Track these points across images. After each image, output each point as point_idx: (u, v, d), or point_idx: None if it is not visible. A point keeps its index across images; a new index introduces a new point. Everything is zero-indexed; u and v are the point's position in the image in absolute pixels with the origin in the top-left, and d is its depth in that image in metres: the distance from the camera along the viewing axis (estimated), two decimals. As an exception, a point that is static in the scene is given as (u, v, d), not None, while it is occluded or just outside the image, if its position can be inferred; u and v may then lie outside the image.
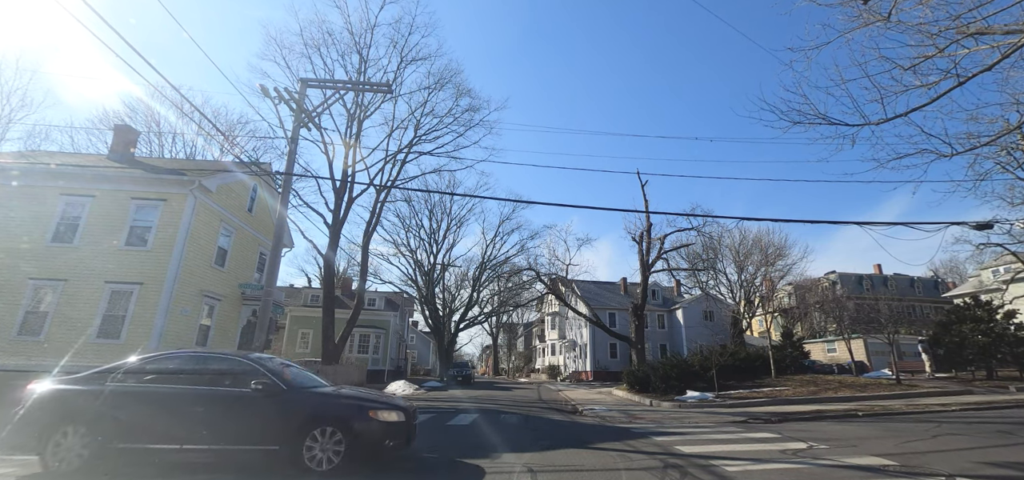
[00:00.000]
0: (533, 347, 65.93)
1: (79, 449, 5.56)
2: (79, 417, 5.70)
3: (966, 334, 22.57)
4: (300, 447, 5.67)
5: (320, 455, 5.67)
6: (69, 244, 14.49)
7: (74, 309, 13.76)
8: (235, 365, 6.31)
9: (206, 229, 16.21)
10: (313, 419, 5.85)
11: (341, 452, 5.72)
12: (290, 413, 5.85)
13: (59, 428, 5.63)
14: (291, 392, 6.03)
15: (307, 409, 5.95)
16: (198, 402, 5.82)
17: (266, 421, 5.81)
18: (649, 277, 25.27)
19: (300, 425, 5.78)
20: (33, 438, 5.62)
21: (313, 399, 6.16)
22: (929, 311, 45.77)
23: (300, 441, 5.69)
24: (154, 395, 5.92)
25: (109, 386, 5.92)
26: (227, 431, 5.75)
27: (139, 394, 5.94)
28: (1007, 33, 8.43)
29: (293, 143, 13.38)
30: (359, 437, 5.85)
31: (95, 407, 5.74)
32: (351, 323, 24.24)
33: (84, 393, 5.88)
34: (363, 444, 5.88)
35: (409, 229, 41.34)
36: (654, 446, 7.83)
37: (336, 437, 5.77)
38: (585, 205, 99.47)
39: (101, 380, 6.04)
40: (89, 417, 5.70)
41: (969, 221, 11.28)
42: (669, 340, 41.83)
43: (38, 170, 15.53)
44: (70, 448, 5.56)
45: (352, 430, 5.84)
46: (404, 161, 25.43)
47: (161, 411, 5.82)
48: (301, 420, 5.83)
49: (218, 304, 17.06)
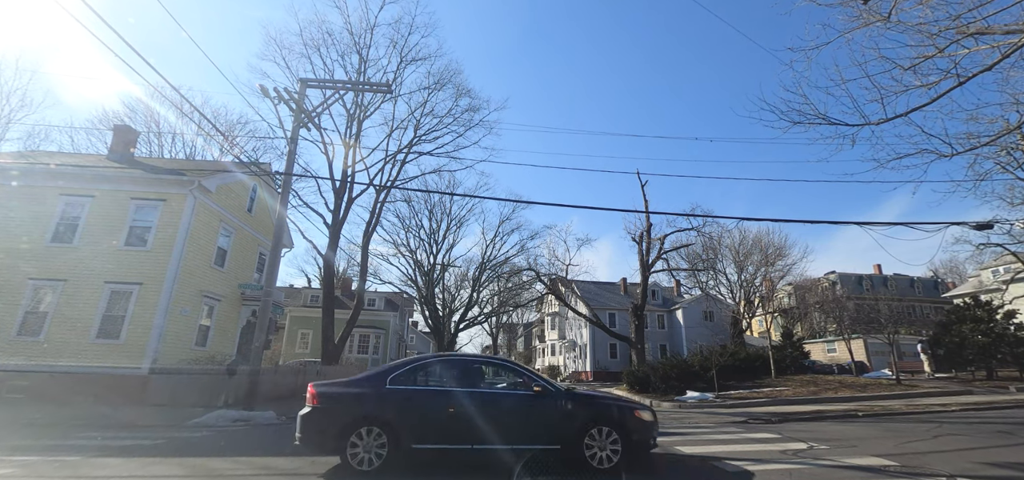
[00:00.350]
0: (533, 347, 65.94)
1: (377, 449, 5.69)
2: (374, 419, 5.81)
3: (966, 334, 22.57)
4: (580, 446, 5.89)
5: (599, 453, 5.91)
6: (68, 244, 14.47)
7: (74, 309, 13.75)
8: (500, 368, 6.83)
9: (206, 229, 16.20)
10: (592, 419, 6.05)
11: (618, 451, 5.93)
12: (570, 414, 6.05)
13: (357, 429, 5.73)
14: (563, 394, 6.27)
15: (586, 410, 6.16)
16: (484, 404, 5.98)
17: (549, 422, 6.02)
18: (649, 277, 25.25)
19: (580, 425, 5.99)
20: (332, 438, 5.72)
21: (588, 400, 6.43)
22: (929, 311, 45.74)
23: (580, 441, 5.92)
24: (439, 397, 6.02)
25: (388, 389, 6.01)
26: (513, 431, 5.94)
27: (423, 395, 6.04)
28: (1007, 33, 8.42)
29: (293, 143, 13.39)
30: (630, 436, 6.06)
31: (386, 409, 5.87)
32: (351, 323, 24.21)
33: (372, 395, 5.97)
34: (634, 443, 6.10)
35: (409, 229, 41.28)
36: (654, 446, 7.80)
37: (612, 437, 5.98)
38: (585, 205, 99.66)
39: (377, 383, 6.09)
40: (384, 418, 5.81)
41: (969, 221, 11.28)
42: (669, 340, 41.82)
43: (38, 170, 15.52)
44: (368, 448, 5.69)
45: (626, 429, 6.06)
46: (404, 161, 25.40)
47: (448, 413, 5.90)
48: (581, 421, 6.03)
49: (218, 304, 17.05)
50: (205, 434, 8.87)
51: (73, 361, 13.25)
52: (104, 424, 9.62)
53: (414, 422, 5.82)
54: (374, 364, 34.11)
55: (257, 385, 11.66)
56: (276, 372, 17.36)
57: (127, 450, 7.20)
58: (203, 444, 7.89)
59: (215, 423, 10.11)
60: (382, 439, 5.67)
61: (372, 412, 5.82)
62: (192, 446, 7.69)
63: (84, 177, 15.29)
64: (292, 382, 17.48)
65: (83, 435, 8.38)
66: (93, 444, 7.59)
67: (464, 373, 6.28)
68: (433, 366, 6.36)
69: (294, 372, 18.47)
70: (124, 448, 7.35)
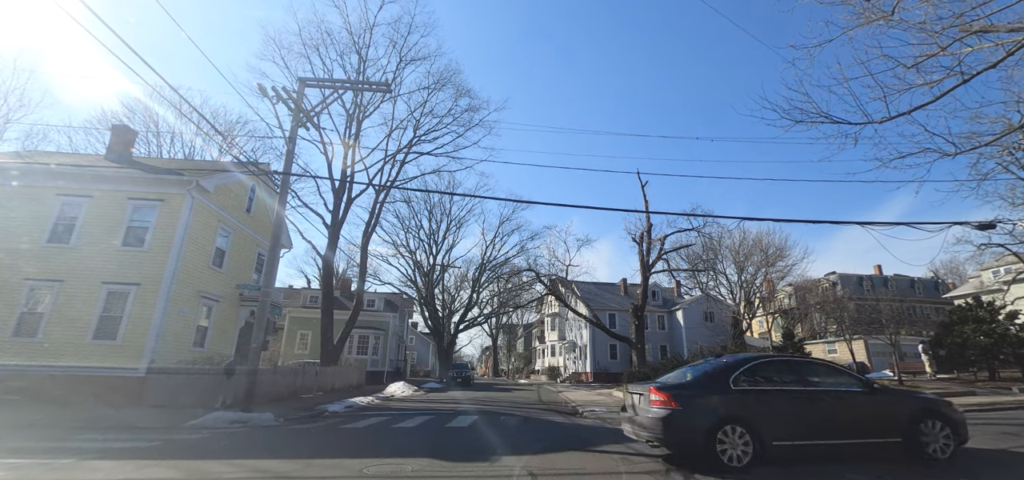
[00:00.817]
0: (533, 348, 65.79)
1: (742, 447, 5.91)
2: (735, 418, 6.04)
3: (968, 335, 22.46)
4: (916, 439, 6.20)
5: (933, 445, 6.19)
6: (66, 244, 14.38)
7: (71, 310, 13.65)
8: (824, 368, 7.06)
9: (204, 229, 16.11)
10: (923, 413, 6.34)
11: (949, 444, 6.21)
12: (902, 408, 6.40)
13: (722, 428, 5.96)
14: (892, 390, 6.66)
15: (916, 404, 6.51)
16: (828, 400, 6.33)
17: (886, 416, 6.34)
18: (649, 278, 25.19)
19: (912, 419, 6.28)
20: (701, 437, 5.92)
21: (914, 395, 6.91)
22: (929, 312, 45.64)
23: (914, 433, 6.21)
24: (788, 395, 6.32)
25: (738, 389, 6.27)
26: (858, 426, 6.24)
27: (774, 395, 6.32)
28: (1011, 31, 8.35)
29: (291, 142, 13.31)
30: (957, 429, 6.32)
31: (744, 408, 6.12)
32: (350, 324, 24.13)
33: (728, 396, 6.21)
34: (959, 436, 6.33)
35: (408, 230, 41.30)
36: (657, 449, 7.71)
37: (945, 430, 6.26)
38: (585, 205, 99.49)
39: (721, 383, 6.35)
40: (743, 417, 6.05)
41: (971, 221, 11.20)
42: (669, 341, 41.71)
43: (35, 170, 15.44)
44: (735, 446, 5.91)
45: (953, 422, 6.34)
46: (403, 161, 25.37)
47: (798, 410, 6.20)
48: (912, 414, 6.32)
49: (216, 305, 16.95)
50: (202, 436, 8.78)
51: (70, 362, 13.16)
52: (100, 425, 9.52)
53: (770, 420, 6.09)
54: (373, 365, 33.94)
55: (255, 386, 11.57)
56: (275, 373, 17.25)
57: (122, 452, 7.10)
58: (199, 446, 7.80)
59: (212, 425, 10.02)
60: (746, 437, 5.94)
61: (733, 412, 6.08)
62: (188, 448, 7.60)
63: (81, 177, 15.21)
64: (291, 383, 17.39)
65: (79, 437, 8.28)
66: (87, 446, 7.49)
67: (799, 373, 6.69)
68: (767, 367, 6.71)
69: (293, 373, 18.37)
70: (119, 450, 7.26)
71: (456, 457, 7.02)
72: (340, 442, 8.44)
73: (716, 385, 6.33)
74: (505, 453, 7.35)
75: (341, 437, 9.04)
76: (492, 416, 12.66)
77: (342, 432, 9.70)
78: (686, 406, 6.09)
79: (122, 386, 12.91)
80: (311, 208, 24.45)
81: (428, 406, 15.95)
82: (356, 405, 15.29)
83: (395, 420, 11.63)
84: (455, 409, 14.55)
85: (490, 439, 8.81)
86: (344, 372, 23.63)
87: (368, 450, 7.69)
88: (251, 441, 8.45)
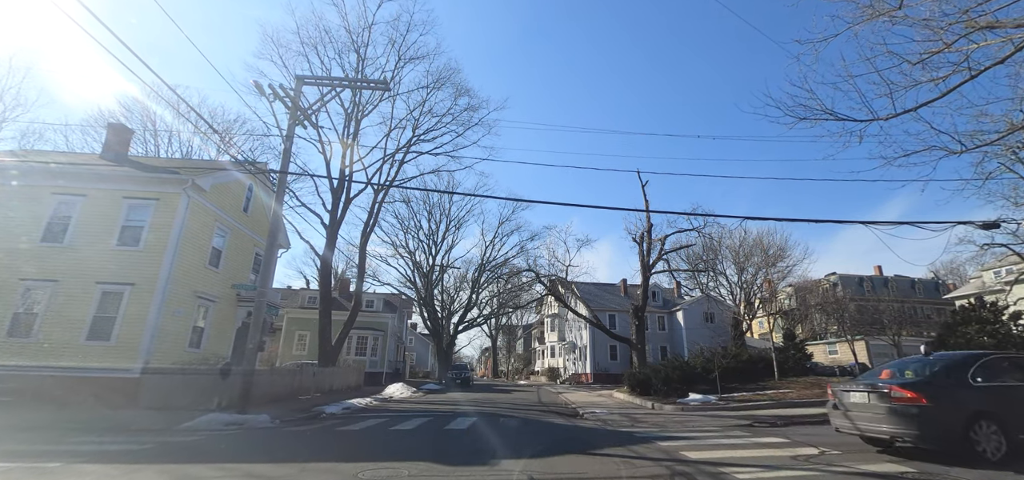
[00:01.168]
0: (532, 349, 65.62)
1: (996, 441, 6.11)
2: (984, 414, 6.21)
3: (972, 336, 22.26)
4: None
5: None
6: (60, 244, 14.20)
7: (66, 310, 13.47)
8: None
9: (200, 229, 15.94)
10: None
11: None
12: None
13: (974, 424, 6.14)
14: None
15: None
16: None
17: None
18: (650, 278, 25.04)
19: None
20: (957, 433, 6.09)
21: None
22: (930, 313, 45.58)
23: None
24: (1021, 389, 6.57)
25: (979, 385, 6.48)
26: None
27: (1009, 389, 6.56)
28: (1018, 27, 8.21)
29: (288, 141, 13.15)
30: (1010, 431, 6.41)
31: (991, 403, 6.31)
32: (349, 325, 23.98)
33: (975, 392, 6.39)
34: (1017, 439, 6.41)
35: (408, 230, 41.13)
36: (659, 451, 7.56)
37: None
38: (585, 204, 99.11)
39: (958, 379, 6.55)
40: (992, 413, 6.23)
41: (975, 220, 11.06)
42: (669, 342, 41.57)
43: (29, 168, 15.26)
44: (988, 439, 6.11)
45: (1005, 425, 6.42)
46: (402, 161, 25.23)
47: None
48: None
49: (213, 305, 16.77)
50: (196, 438, 8.61)
51: (67, 362, 12.97)
52: (97, 427, 9.35)
53: (1014, 414, 6.27)
54: (372, 365, 33.73)
55: (251, 387, 11.40)
56: (272, 374, 17.09)
57: (110, 456, 6.92)
58: (192, 449, 7.63)
59: (207, 426, 9.85)
60: (997, 432, 6.12)
61: (982, 407, 6.25)
62: (181, 451, 7.43)
63: (77, 175, 15.04)
64: (289, 384, 17.20)
65: (73, 439, 8.13)
66: (81, 449, 7.32)
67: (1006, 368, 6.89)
68: (995, 363, 6.87)
69: (291, 374, 18.19)
70: (108, 453, 7.08)
71: (455, 460, 6.84)
72: (336, 445, 8.28)
73: (960, 381, 6.51)
74: (505, 456, 7.20)
75: (338, 439, 8.88)
76: (491, 418, 12.50)
77: (339, 434, 9.54)
78: (936, 402, 6.20)
79: (119, 387, 12.73)
80: (309, 208, 24.29)
81: (427, 408, 15.79)
82: (354, 406, 15.12)
83: (393, 422, 11.46)
84: (454, 411, 14.38)
85: (489, 441, 8.65)
86: (342, 373, 23.45)
87: (365, 453, 7.55)
88: (245, 443, 8.29)
